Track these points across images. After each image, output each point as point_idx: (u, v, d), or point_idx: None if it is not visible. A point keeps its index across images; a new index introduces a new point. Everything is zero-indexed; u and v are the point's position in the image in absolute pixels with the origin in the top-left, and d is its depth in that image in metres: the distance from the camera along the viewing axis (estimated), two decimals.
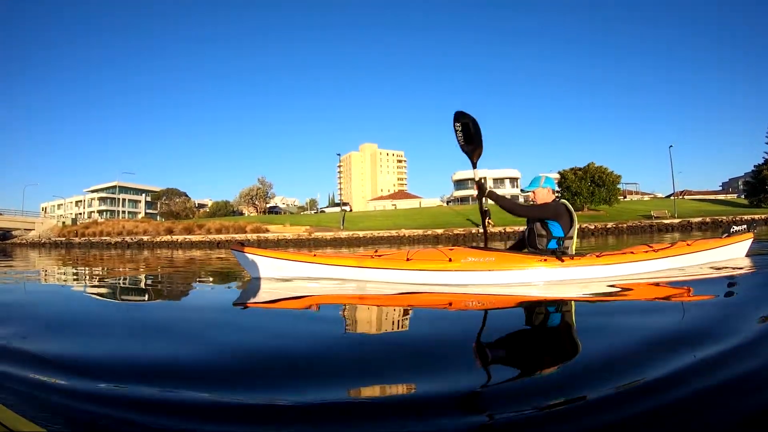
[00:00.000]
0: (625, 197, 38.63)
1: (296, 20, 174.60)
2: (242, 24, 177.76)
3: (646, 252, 3.73)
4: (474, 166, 3.57)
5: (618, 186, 33.79)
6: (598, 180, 32.63)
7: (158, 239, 32.33)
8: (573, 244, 3.40)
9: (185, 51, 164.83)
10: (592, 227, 27.09)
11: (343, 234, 28.17)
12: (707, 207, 35.79)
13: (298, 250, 16.98)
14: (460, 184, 59.57)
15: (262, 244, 26.65)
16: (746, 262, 4.09)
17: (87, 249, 24.30)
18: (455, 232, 26.22)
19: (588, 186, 32.57)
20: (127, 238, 33.51)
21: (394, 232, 27.59)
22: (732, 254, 4.26)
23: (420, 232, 27.07)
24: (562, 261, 3.24)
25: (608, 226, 27.22)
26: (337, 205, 65.04)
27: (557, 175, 37.00)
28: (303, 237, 28.63)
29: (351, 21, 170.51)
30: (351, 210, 48.40)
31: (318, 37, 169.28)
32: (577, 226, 3.37)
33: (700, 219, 27.83)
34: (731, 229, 4.44)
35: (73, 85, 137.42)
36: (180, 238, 32.07)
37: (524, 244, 3.60)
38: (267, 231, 31.76)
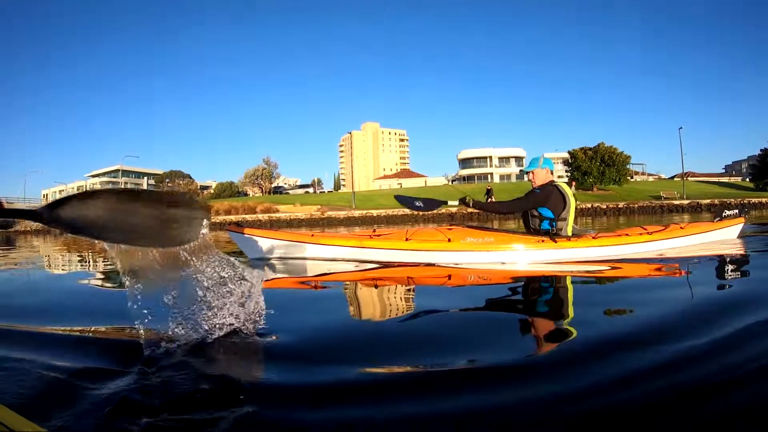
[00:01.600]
0: (632, 177, 38.70)
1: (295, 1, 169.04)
2: (240, 4, 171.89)
3: (641, 234, 3.83)
4: (446, 204, 3.90)
5: (627, 166, 33.85)
6: (608, 160, 32.65)
7: None
8: (568, 225, 3.46)
9: (185, 34, 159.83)
10: (604, 207, 27.38)
11: (357, 213, 28.22)
12: (714, 189, 36.13)
13: (310, 229, 17.01)
14: (465, 162, 59.48)
15: (275, 225, 26.66)
16: (738, 245, 4.23)
17: None
18: (470, 210, 26.36)
19: (598, 166, 32.60)
20: None
21: (408, 211, 27.64)
22: (724, 237, 4.42)
23: (434, 210, 27.14)
24: (558, 242, 3.34)
25: (620, 206, 27.52)
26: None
27: (566, 155, 36.97)
28: (316, 216, 28.62)
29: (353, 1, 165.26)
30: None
31: (318, 16, 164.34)
32: (572, 207, 3.43)
33: (709, 201, 28.09)
34: (723, 213, 4.57)
35: (72, 69, 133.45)
36: None
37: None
38: (277, 211, 31.74)
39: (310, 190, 62.13)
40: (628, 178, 35.07)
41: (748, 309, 1.71)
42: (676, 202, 28.21)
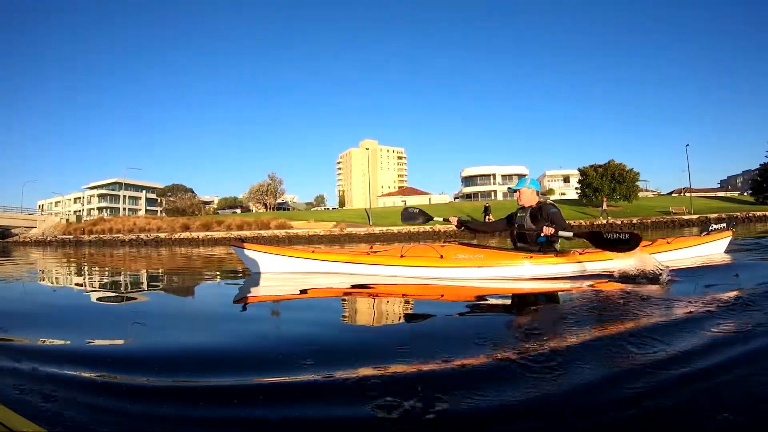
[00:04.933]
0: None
1: (296, 17, 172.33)
2: (238, 21, 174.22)
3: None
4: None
5: (637, 183, 34.82)
6: (618, 177, 33.58)
7: (176, 236, 31.61)
8: (559, 240, 3.62)
9: (183, 50, 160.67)
10: (619, 222, 28.01)
11: (377, 230, 28.14)
12: (717, 204, 37.21)
13: (328, 246, 16.92)
14: (468, 180, 60.28)
15: (293, 241, 26.41)
16: (724, 259, 4.20)
17: (99, 247, 23.20)
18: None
19: (609, 183, 33.46)
20: (142, 236, 32.64)
21: (428, 228, 27.72)
22: (711, 251, 4.42)
23: (452, 227, 27.24)
24: (547, 257, 3.44)
25: (634, 222, 28.19)
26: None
27: (568, 172, 37.82)
28: (335, 233, 28.43)
29: (353, 18, 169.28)
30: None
31: (317, 34, 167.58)
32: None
33: (716, 215, 28.90)
34: (710, 228, 4.61)
35: (73, 80, 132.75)
36: (201, 234, 31.37)
37: (510, 222, 3.85)
38: (291, 227, 31.42)
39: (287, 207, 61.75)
40: (638, 194, 36.00)
41: (727, 323, 1.75)
42: (686, 217, 29.04)
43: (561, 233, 3.44)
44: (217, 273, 5.46)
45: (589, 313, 2.19)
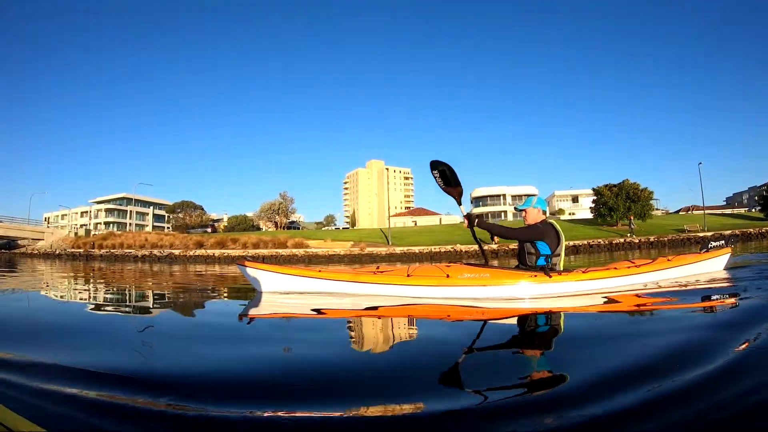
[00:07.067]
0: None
1: (304, 39, 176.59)
2: (248, 42, 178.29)
3: (629, 267, 3.95)
4: (459, 204, 3.99)
5: (651, 202, 35.26)
6: (633, 196, 34.01)
7: (190, 253, 31.49)
8: (561, 261, 3.66)
9: (194, 68, 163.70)
10: (637, 241, 28.29)
11: (398, 249, 28.18)
12: (728, 221, 37.63)
13: (350, 266, 16.75)
14: (478, 200, 60.63)
15: (313, 261, 26.40)
16: (724, 276, 4.21)
17: (111, 262, 23.12)
18: (511, 246, 26.70)
19: (624, 202, 33.86)
20: (155, 252, 32.50)
21: (449, 247, 27.82)
22: (710, 268, 4.48)
23: (476, 247, 27.27)
24: (550, 276, 3.49)
25: (651, 240, 28.49)
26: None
27: (577, 192, 38.19)
28: (355, 252, 28.41)
29: (360, 40, 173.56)
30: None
31: (325, 53, 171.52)
32: (564, 244, 3.64)
33: (729, 231, 29.24)
34: (710, 245, 4.65)
35: (82, 94, 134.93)
36: (217, 252, 31.27)
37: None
38: (309, 246, 31.39)
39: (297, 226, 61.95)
40: (652, 213, 36.39)
41: (725, 340, 1.77)
42: (701, 234, 29.34)
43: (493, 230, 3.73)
44: (225, 292, 5.40)
45: (592, 332, 2.24)
